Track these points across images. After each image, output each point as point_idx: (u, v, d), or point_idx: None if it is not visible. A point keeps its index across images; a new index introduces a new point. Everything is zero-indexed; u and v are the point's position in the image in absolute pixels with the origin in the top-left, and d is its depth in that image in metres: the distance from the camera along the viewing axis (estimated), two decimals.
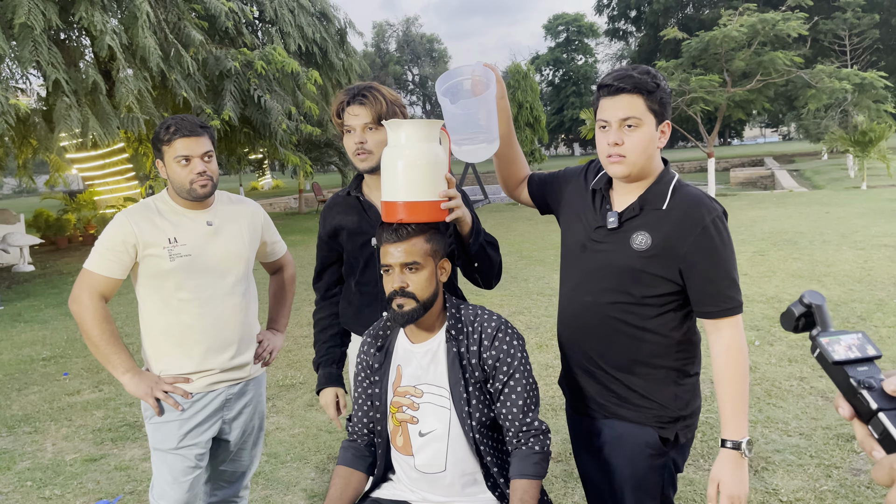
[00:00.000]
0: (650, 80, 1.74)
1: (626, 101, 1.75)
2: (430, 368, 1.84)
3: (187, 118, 2.23)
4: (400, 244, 1.77)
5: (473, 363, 1.81)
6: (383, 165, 1.83)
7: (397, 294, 1.77)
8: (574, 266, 1.96)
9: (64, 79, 10.43)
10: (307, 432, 4.19)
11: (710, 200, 1.81)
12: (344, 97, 2.16)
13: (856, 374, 0.78)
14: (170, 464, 2.28)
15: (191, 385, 2.28)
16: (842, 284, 7.05)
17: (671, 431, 1.87)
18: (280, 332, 2.66)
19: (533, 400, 1.83)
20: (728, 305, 1.77)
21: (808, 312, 0.90)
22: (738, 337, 1.78)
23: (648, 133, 1.76)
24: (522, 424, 1.80)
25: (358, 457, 1.94)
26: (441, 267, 1.84)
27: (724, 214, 1.82)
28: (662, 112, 1.77)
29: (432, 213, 1.81)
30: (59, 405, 4.96)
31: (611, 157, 1.79)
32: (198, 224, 2.28)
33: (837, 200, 15.04)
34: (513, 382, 1.80)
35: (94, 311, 2.19)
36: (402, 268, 1.77)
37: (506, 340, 1.82)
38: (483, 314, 1.87)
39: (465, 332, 1.84)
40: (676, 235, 1.76)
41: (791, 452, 3.50)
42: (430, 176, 1.80)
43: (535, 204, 2.15)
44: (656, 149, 1.81)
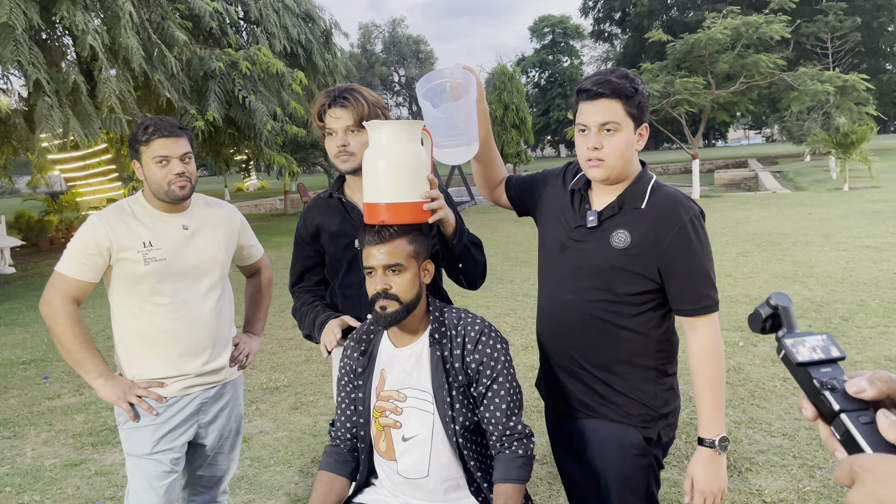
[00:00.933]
0: (628, 85, 1.76)
1: (604, 105, 1.77)
2: (413, 372, 1.83)
3: (166, 119, 2.20)
4: (382, 246, 1.75)
5: (457, 367, 1.80)
6: (365, 167, 1.82)
7: (380, 296, 1.76)
8: (554, 265, 1.97)
9: (45, 79, 10.31)
10: (291, 436, 4.16)
11: (687, 200, 1.84)
12: (325, 100, 2.15)
13: (819, 375, 0.79)
14: (144, 469, 2.25)
15: (165, 389, 2.24)
16: (824, 285, 7.10)
17: (654, 431, 1.88)
18: (256, 335, 2.63)
19: (516, 403, 1.82)
20: (704, 303, 1.79)
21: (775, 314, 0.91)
22: (713, 335, 1.81)
23: (626, 137, 1.79)
24: (506, 428, 1.79)
25: (340, 462, 1.92)
26: (424, 269, 1.83)
27: (702, 214, 1.85)
28: (640, 116, 1.80)
29: (415, 215, 1.80)
30: (39, 409, 4.89)
31: (590, 160, 1.82)
32: (173, 228, 2.25)
33: (820, 202, 15.19)
34: (496, 386, 1.79)
35: (65, 315, 2.14)
36: (385, 270, 1.76)
37: (489, 344, 1.81)
38: (467, 317, 1.86)
39: (448, 335, 1.83)
40: (655, 233, 1.79)
41: (774, 453, 3.52)
42: (412, 177, 1.79)
43: (513, 206, 2.16)
44: (634, 151, 1.83)
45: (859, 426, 0.74)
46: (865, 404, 0.75)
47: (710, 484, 1.78)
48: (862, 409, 0.75)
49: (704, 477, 1.78)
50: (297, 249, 2.34)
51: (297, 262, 2.34)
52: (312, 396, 4.83)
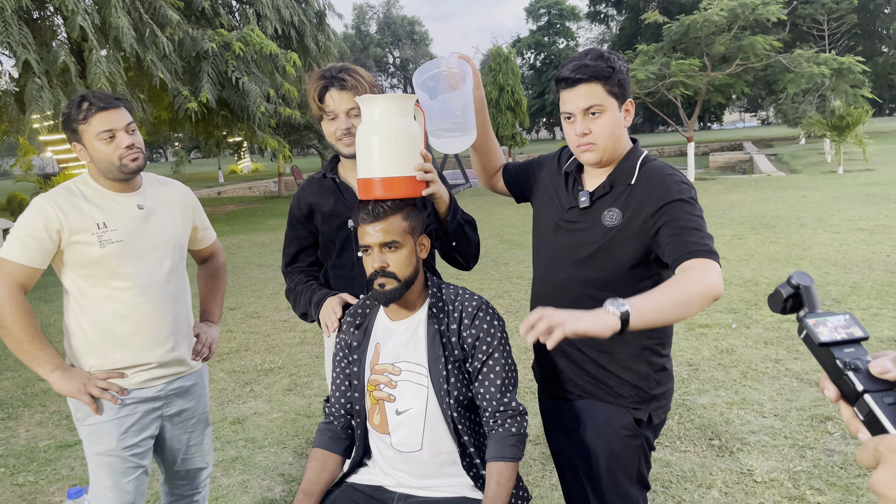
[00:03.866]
0: (605, 66, 1.74)
1: (585, 90, 1.75)
2: (409, 346, 1.83)
3: (98, 92, 2.08)
4: (377, 223, 1.75)
5: (453, 341, 1.81)
6: (358, 142, 1.82)
7: (378, 274, 1.76)
8: (547, 246, 1.97)
9: (35, 59, 10.22)
10: (285, 417, 4.17)
11: (676, 172, 1.83)
12: (322, 81, 2.09)
13: (842, 355, 0.78)
14: (109, 466, 2.12)
15: (126, 381, 2.12)
16: (818, 267, 7.13)
17: (644, 412, 1.88)
18: (215, 323, 2.51)
19: (511, 381, 1.82)
20: (700, 249, 1.63)
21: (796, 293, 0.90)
22: (705, 269, 1.58)
23: (612, 116, 1.78)
24: (500, 404, 1.79)
25: (334, 439, 1.93)
26: (420, 244, 1.83)
27: (692, 188, 1.80)
28: (623, 93, 1.79)
29: (409, 188, 1.80)
30: (33, 391, 4.89)
31: (580, 146, 1.81)
32: (127, 208, 2.12)
33: (814, 185, 15.21)
34: (491, 362, 1.80)
35: (13, 305, 1.99)
36: (382, 247, 1.76)
37: (486, 320, 1.82)
38: (465, 294, 1.87)
39: (445, 310, 1.84)
40: (645, 204, 1.77)
41: (766, 433, 3.54)
42: (405, 151, 1.79)
43: (510, 192, 2.16)
44: (623, 129, 1.82)
45: (884, 407, 0.73)
46: (889, 385, 0.75)
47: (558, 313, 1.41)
48: (886, 389, 0.74)
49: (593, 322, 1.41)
50: (290, 230, 2.31)
51: (292, 243, 2.31)
52: (307, 378, 4.84)
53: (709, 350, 4.88)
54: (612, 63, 1.75)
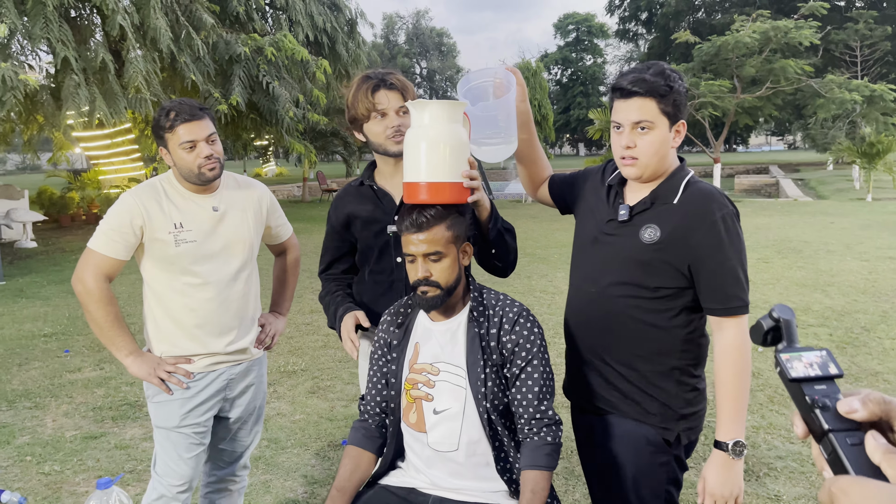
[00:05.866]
0: (663, 84, 1.74)
1: (638, 104, 1.76)
2: (448, 347, 1.84)
3: (185, 102, 2.21)
4: (421, 234, 1.76)
5: (493, 346, 1.81)
6: (406, 146, 1.83)
7: (421, 283, 1.78)
8: (583, 258, 1.97)
9: (73, 56, 10.40)
10: (308, 419, 4.18)
11: (722, 197, 1.82)
12: (373, 81, 2.13)
13: (812, 392, 0.77)
14: (174, 441, 2.30)
15: (192, 365, 2.28)
16: (846, 295, 7.03)
17: (673, 432, 1.86)
18: (283, 315, 2.66)
19: (548, 389, 1.82)
20: (732, 304, 1.76)
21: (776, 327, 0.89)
22: (739, 337, 1.76)
23: (661, 135, 1.77)
24: (536, 412, 1.79)
25: (368, 437, 1.94)
26: (463, 251, 1.85)
27: (737, 214, 1.82)
28: (676, 113, 1.78)
29: (454, 194, 1.81)
30: (60, 382, 4.96)
31: (624, 158, 1.81)
32: (203, 209, 2.26)
33: (842, 211, 15.03)
34: (530, 369, 1.80)
35: (98, 293, 2.17)
36: (425, 258, 1.77)
37: (526, 326, 1.82)
38: (506, 299, 1.88)
39: (486, 314, 1.85)
40: (685, 229, 1.77)
41: (793, 459, 3.50)
42: (453, 157, 1.80)
43: (555, 204, 2.16)
44: (670, 149, 1.82)
45: (846, 447, 0.72)
46: (857, 425, 0.73)
47: (722, 488, 1.75)
48: (852, 429, 0.73)
49: (716, 480, 1.76)
50: (328, 238, 2.35)
51: (328, 251, 2.35)
52: (329, 381, 4.85)
53: None
54: (671, 81, 1.75)
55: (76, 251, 11.75)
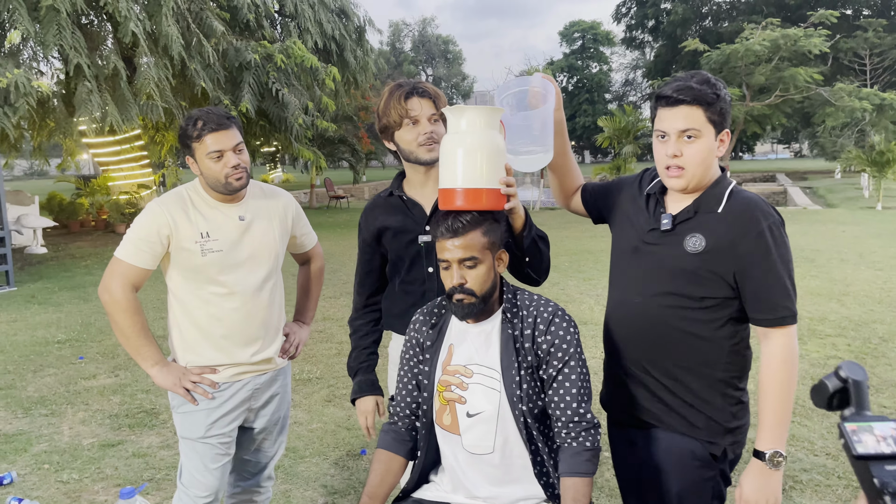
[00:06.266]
0: (710, 92, 1.72)
1: (685, 112, 1.73)
2: (482, 349, 1.82)
3: (213, 111, 2.20)
4: (456, 239, 1.74)
5: (527, 347, 1.78)
6: (442, 152, 1.82)
7: (457, 290, 1.76)
8: (624, 269, 1.94)
9: (86, 63, 10.44)
10: (325, 428, 4.16)
11: (766, 206, 1.78)
12: (402, 89, 2.11)
13: (881, 474, 0.67)
14: (199, 452, 2.28)
15: (218, 375, 2.27)
16: (862, 304, 6.98)
17: (719, 446, 1.84)
18: (307, 324, 2.65)
19: (586, 391, 1.79)
20: (780, 314, 1.73)
21: (844, 389, 0.79)
22: (786, 348, 1.74)
23: (707, 144, 1.75)
24: (575, 414, 1.76)
25: (398, 441, 1.92)
26: (499, 258, 1.82)
27: (782, 223, 1.79)
28: (722, 122, 1.75)
29: (491, 201, 1.79)
30: (76, 389, 4.94)
31: (669, 168, 1.79)
32: (230, 218, 2.25)
33: (853, 220, 14.96)
34: (567, 370, 1.77)
35: (125, 303, 2.16)
36: (460, 263, 1.75)
37: (562, 326, 1.79)
38: (539, 299, 1.85)
39: (520, 315, 1.82)
40: (731, 238, 1.74)
41: (819, 472, 3.45)
42: (490, 163, 1.78)
43: (588, 213, 2.13)
44: (714, 158, 1.79)
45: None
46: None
47: (757, 497, 1.73)
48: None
49: (752, 489, 1.73)
50: (360, 253, 2.35)
51: (361, 265, 2.34)
52: (345, 389, 4.83)
53: (753, 383, 4.77)
54: (717, 90, 1.73)
55: (86, 257, 11.77)
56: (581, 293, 7.91)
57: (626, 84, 63.40)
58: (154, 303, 7.26)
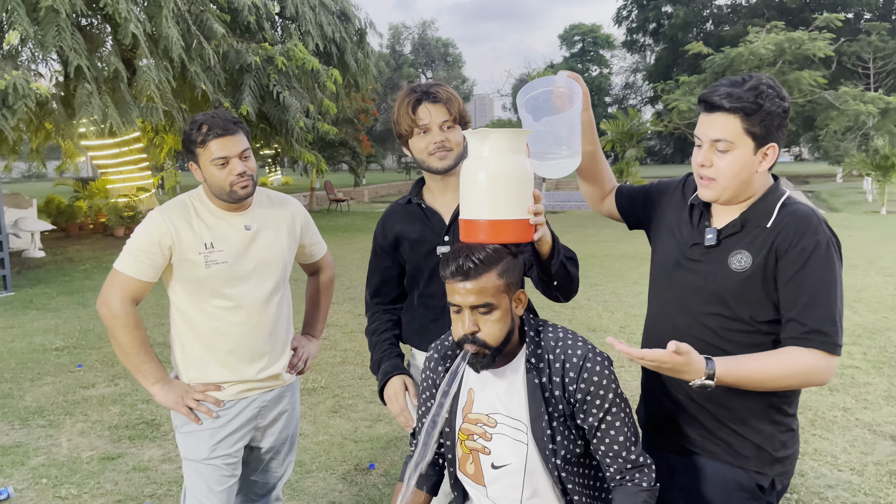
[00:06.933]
0: (751, 101, 1.56)
1: (721, 120, 1.60)
2: (505, 398, 1.65)
3: (219, 115, 2.07)
4: (469, 282, 1.54)
5: (557, 395, 1.61)
6: (463, 180, 1.64)
7: (467, 340, 1.57)
8: (665, 284, 1.81)
9: (86, 65, 10.32)
10: (332, 440, 4.03)
11: (819, 222, 1.63)
12: (415, 95, 2.00)
13: None
14: (204, 474, 2.17)
15: (222, 393, 2.16)
16: (875, 311, 6.87)
17: (767, 477, 1.70)
18: (315, 337, 2.54)
19: (634, 433, 1.64)
20: (817, 338, 1.55)
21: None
22: (814, 362, 1.54)
23: (742, 157, 1.60)
24: (627, 461, 1.62)
25: (422, 475, 1.79)
26: (517, 300, 1.62)
27: (837, 243, 1.63)
28: (766, 135, 1.59)
29: (518, 233, 1.60)
30: (74, 398, 4.81)
31: (700, 178, 1.67)
32: (235, 228, 2.14)
33: (858, 224, 14.85)
34: (610, 417, 1.60)
35: (124, 317, 2.06)
36: (473, 310, 1.56)
37: (595, 371, 1.60)
38: (566, 339, 1.66)
39: (546, 359, 1.63)
40: (778, 256, 1.60)
41: (844, 489, 3.33)
42: (517, 192, 1.60)
43: (623, 218, 2.00)
44: (755, 172, 1.63)
45: None
46: None
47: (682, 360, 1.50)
48: None
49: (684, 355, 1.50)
50: (374, 259, 2.20)
51: (375, 274, 2.20)
52: (351, 400, 4.70)
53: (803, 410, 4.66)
54: (761, 99, 1.57)
55: (84, 261, 11.64)
56: (588, 299, 7.79)
57: (627, 87, 63.34)
58: (154, 308, 7.12)
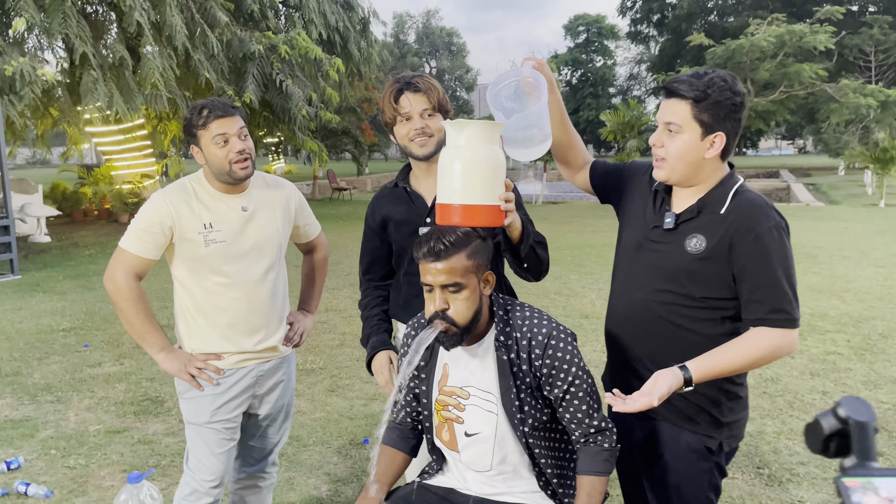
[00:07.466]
0: (701, 90, 1.71)
1: (674, 106, 1.76)
2: (477, 372, 1.81)
3: (217, 100, 2.23)
4: (439, 262, 1.67)
5: (524, 369, 1.77)
6: (440, 166, 1.80)
7: (437, 316, 1.71)
8: (627, 263, 1.96)
9: (91, 53, 10.46)
10: (328, 417, 4.20)
11: (770, 209, 1.78)
12: (397, 85, 2.15)
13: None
14: (205, 437, 2.32)
15: (222, 362, 2.31)
16: (862, 301, 7.01)
17: (715, 440, 1.86)
18: (311, 313, 2.68)
19: (596, 401, 1.81)
20: (777, 317, 1.71)
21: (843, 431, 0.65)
22: (776, 343, 1.70)
23: (689, 141, 1.75)
24: (590, 427, 1.79)
25: (403, 438, 1.98)
26: (485, 280, 1.77)
27: (786, 227, 1.78)
28: (712, 123, 1.74)
29: (489, 218, 1.75)
30: (81, 376, 4.99)
31: (655, 159, 1.83)
32: (233, 209, 2.28)
33: (856, 217, 14.96)
34: (574, 389, 1.76)
35: (129, 291, 2.20)
36: (443, 289, 1.70)
37: (559, 347, 1.76)
38: (532, 318, 1.80)
39: (514, 336, 1.78)
40: (731, 241, 1.74)
41: (816, 466, 3.49)
42: (489, 179, 1.75)
43: (595, 193, 2.13)
44: (705, 158, 1.78)
45: None
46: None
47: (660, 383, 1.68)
48: None
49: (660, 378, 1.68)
50: (365, 240, 2.38)
51: (366, 253, 2.37)
52: (348, 380, 4.87)
53: (753, 377, 4.82)
54: (710, 90, 1.71)
55: (89, 246, 11.81)
56: (583, 287, 7.94)
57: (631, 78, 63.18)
58: (158, 293, 7.30)
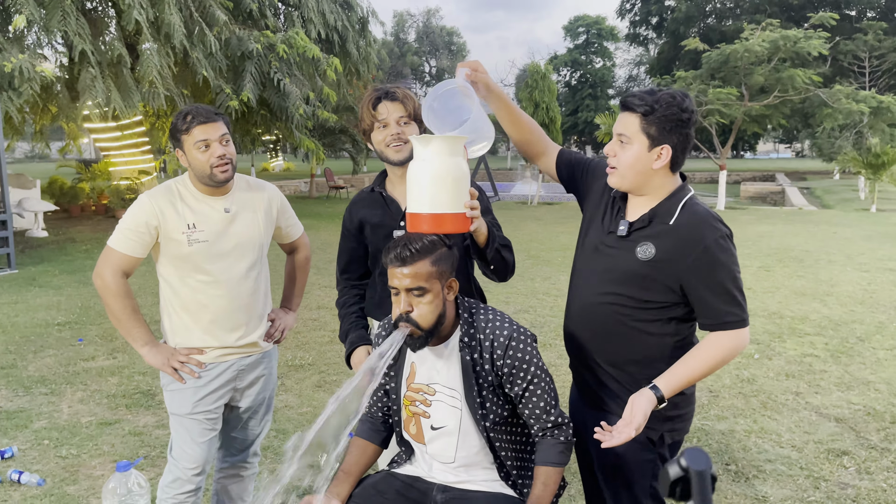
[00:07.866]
0: (649, 104, 1.84)
1: (626, 119, 1.90)
2: (443, 371, 1.95)
3: (201, 106, 2.35)
4: (405, 268, 1.81)
5: (486, 368, 1.91)
6: (409, 178, 1.93)
7: (402, 318, 1.84)
8: (584, 264, 2.10)
9: (90, 50, 10.56)
10: (314, 412, 4.32)
11: (715, 221, 1.90)
12: (376, 93, 2.31)
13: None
14: (187, 427, 2.45)
15: (204, 356, 2.43)
16: (844, 305, 7.15)
17: (657, 432, 1.98)
18: (292, 310, 2.80)
19: (553, 398, 1.95)
20: (727, 320, 1.85)
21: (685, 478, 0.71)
22: (732, 343, 1.85)
23: (637, 152, 1.88)
24: (547, 422, 1.93)
25: (374, 430, 2.11)
26: (448, 286, 1.89)
27: (730, 235, 1.90)
28: (659, 136, 1.86)
29: (456, 225, 1.90)
30: (75, 370, 5.11)
31: (608, 167, 1.97)
32: (216, 210, 2.39)
33: (846, 221, 15.11)
34: (532, 387, 1.91)
35: (116, 288, 2.32)
36: (408, 292, 1.83)
37: (519, 349, 1.90)
38: (495, 320, 1.94)
39: (477, 338, 1.91)
40: (678, 252, 1.86)
41: (782, 463, 3.62)
42: (454, 189, 1.89)
43: (559, 181, 2.24)
44: (653, 169, 1.89)
45: None
46: None
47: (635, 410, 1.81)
48: None
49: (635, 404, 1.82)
50: (342, 241, 2.51)
51: (344, 254, 2.51)
52: (336, 376, 5.00)
53: (730, 378, 4.95)
54: (657, 105, 1.83)
55: (86, 241, 11.92)
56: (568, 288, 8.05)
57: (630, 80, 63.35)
58: (152, 289, 7.41)
